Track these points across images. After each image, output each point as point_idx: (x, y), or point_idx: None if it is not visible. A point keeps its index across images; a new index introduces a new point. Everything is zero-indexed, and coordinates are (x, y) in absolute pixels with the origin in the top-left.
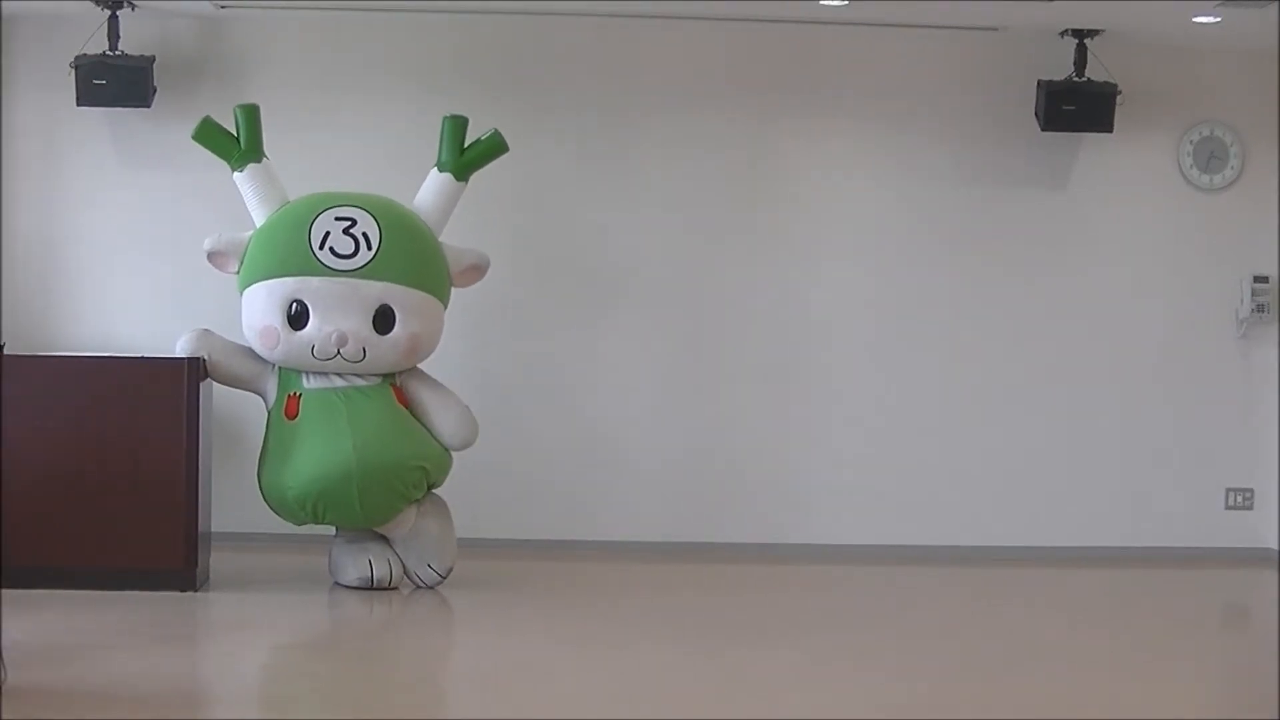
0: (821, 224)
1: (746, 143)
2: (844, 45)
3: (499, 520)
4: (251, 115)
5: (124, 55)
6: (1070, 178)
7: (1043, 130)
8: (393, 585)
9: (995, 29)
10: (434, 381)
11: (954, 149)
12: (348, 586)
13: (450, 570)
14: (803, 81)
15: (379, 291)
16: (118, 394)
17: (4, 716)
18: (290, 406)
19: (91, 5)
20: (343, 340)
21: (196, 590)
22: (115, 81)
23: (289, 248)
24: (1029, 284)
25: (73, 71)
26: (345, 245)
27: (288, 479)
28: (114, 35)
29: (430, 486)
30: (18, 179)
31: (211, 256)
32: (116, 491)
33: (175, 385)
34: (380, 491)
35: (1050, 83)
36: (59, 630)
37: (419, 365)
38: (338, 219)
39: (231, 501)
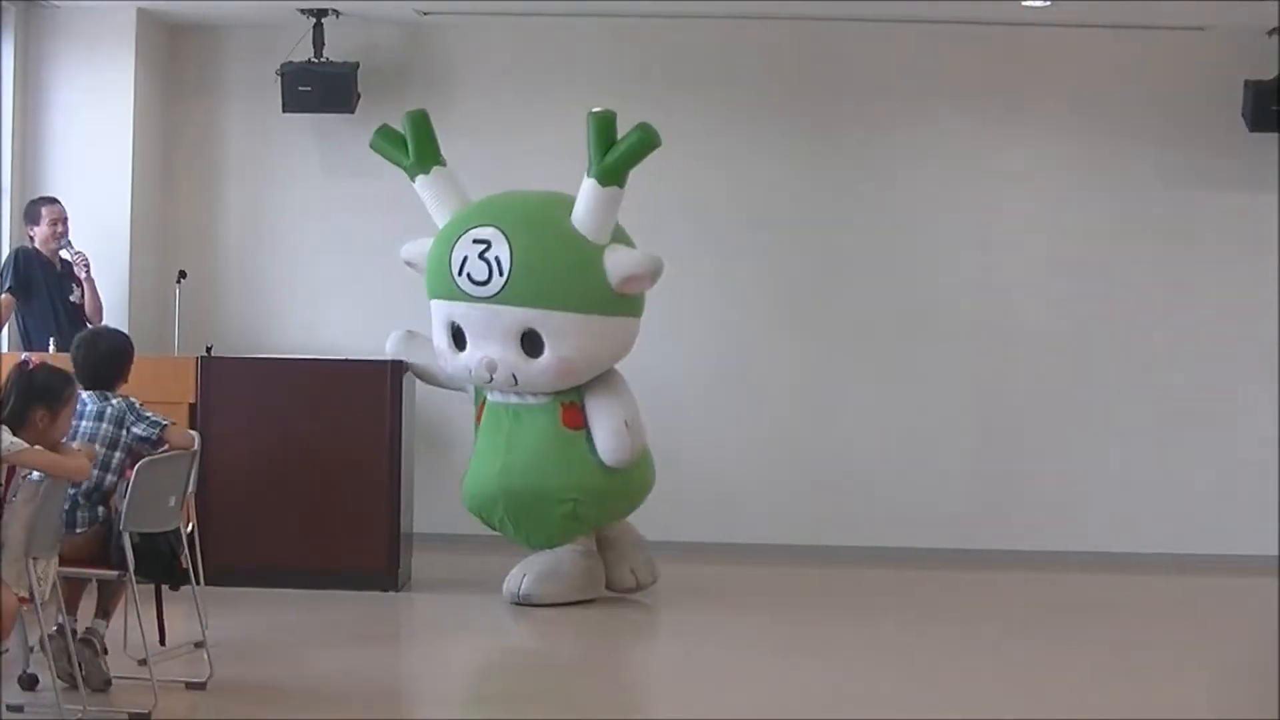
0: (1023, 225)
1: (947, 143)
2: (1046, 46)
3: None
4: (418, 124)
5: (328, 62)
6: (1277, 180)
7: (1250, 131)
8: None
9: (1201, 28)
10: (606, 392)
11: (1157, 150)
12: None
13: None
14: (1004, 83)
15: (519, 317)
16: (322, 395)
17: (208, 713)
18: (479, 413)
19: (297, 13)
20: (492, 366)
21: (399, 590)
22: (320, 88)
23: (439, 271)
24: (1235, 286)
25: (279, 78)
26: (480, 271)
27: (463, 488)
28: (319, 43)
29: (595, 517)
30: (227, 185)
31: (410, 264)
32: (321, 492)
33: (379, 387)
34: (530, 518)
35: (1258, 82)
36: (263, 628)
37: (614, 368)
38: (475, 242)
39: (434, 502)
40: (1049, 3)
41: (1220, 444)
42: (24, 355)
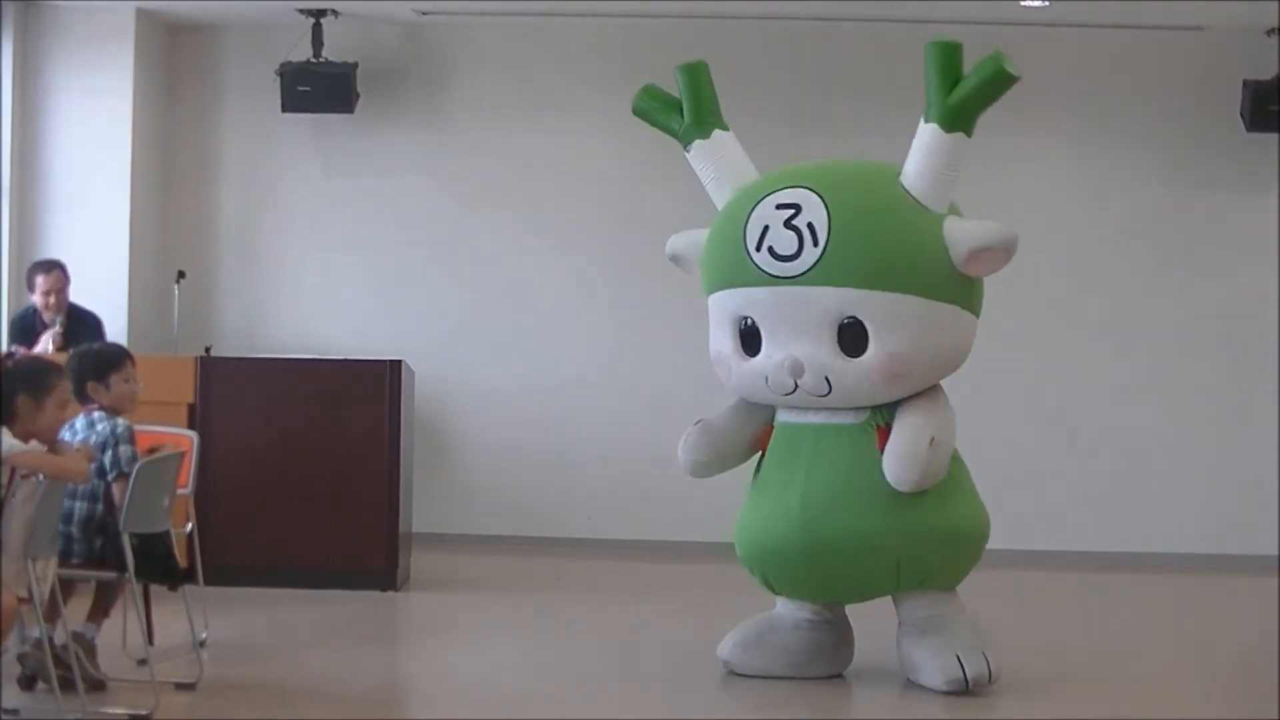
0: (1019, 225)
1: None
2: (1044, 46)
3: None
4: (698, 77)
5: (327, 62)
6: (1276, 180)
7: (1248, 131)
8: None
9: (1199, 28)
10: (923, 404)
11: (1155, 150)
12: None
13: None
14: None
15: (836, 301)
16: (322, 395)
17: (205, 713)
18: (764, 438)
19: (296, 13)
20: (797, 369)
21: (398, 590)
22: (319, 88)
23: (725, 252)
24: (1232, 287)
25: (278, 78)
26: (787, 243)
27: (737, 534)
28: (318, 43)
29: (925, 574)
30: (226, 185)
31: (674, 260)
32: (320, 492)
33: (378, 387)
34: (840, 573)
35: (1256, 82)
36: (261, 628)
37: (939, 385)
38: (779, 207)
39: (433, 502)
40: (1047, 2)
41: (1220, 444)
42: (11, 347)
